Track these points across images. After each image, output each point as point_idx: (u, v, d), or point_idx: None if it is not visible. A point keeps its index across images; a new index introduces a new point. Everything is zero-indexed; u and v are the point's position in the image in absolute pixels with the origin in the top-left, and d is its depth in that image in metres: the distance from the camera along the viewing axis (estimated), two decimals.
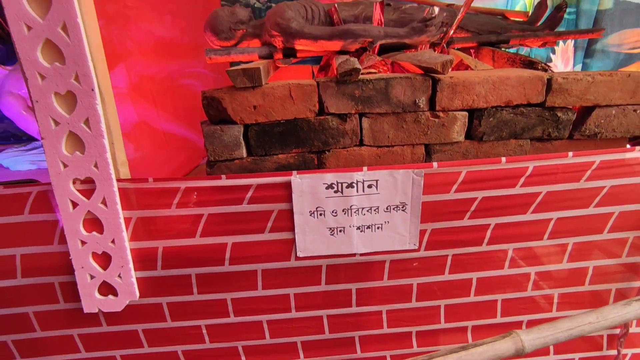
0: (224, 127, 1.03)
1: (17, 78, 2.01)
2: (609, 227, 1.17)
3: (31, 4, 0.87)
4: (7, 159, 2.01)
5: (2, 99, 1.97)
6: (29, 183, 1.06)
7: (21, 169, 1.96)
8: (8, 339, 1.16)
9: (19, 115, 1.98)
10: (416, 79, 1.03)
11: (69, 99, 0.94)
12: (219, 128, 1.03)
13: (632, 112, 1.09)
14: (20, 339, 1.16)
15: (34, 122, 1.99)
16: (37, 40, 0.89)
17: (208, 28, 1.44)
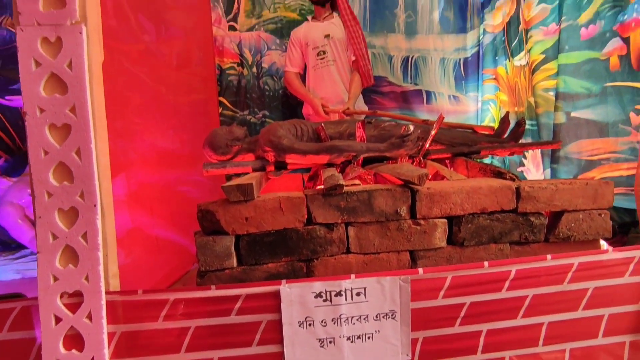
0: (217, 237, 1.08)
1: (20, 189, 2.10)
2: (603, 331, 1.16)
3: (52, 133, 0.99)
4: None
5: (1, 207, 2.04)
6: (15, 298, 1.06)
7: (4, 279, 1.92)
8: None
9: (14, 224, 2.02)
10: (396, 190, 1.12)
11: (71, 214, 1.00)
12: (212, 239, 1.08)
13: (597, 216, 1.17)
14: None
15: (28, 231, 2.03)
16: (51, 163, 0.99)
17: (207, 144, 1.58)
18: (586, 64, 1.87)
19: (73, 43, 0.98)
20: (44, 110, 0.98)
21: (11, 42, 2.70)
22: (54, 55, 0.98)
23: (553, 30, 2.03)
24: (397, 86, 2.93)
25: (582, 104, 1.89)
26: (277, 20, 2.80)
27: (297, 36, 2.55)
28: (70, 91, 0.98)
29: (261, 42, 2.81)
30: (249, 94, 2.83)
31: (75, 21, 0.98)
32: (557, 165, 2.03)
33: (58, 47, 0.98)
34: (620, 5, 1.70)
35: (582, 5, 1.87)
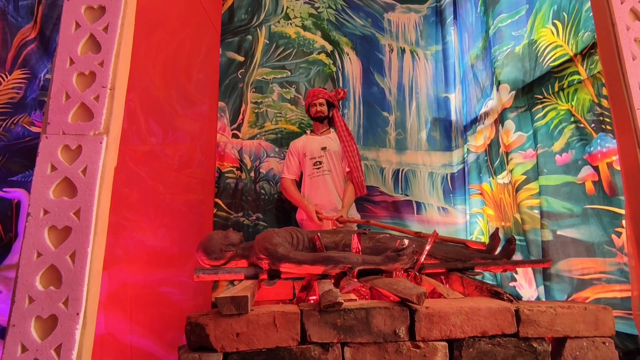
0: (203, 355, 1.00)
1: None
2: None
3: (50, 235, 0.98)
4: None
5: None
6: None
7: None
8: None
9: None
10: (395, 308, 1.09)
11: (49, 323, 0.94)
12: (197, 356, 1.00)
13: (601, 344, 1.13)
14: None
15: None
16: (41, 266, 0.96)
17: (201, 248, 1.56)
18: (565, 187, 2.00)
19: (92, 151, 1.03)
20: (47, 212, 0.99)
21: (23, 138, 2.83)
22: (71, 161, 1.03)
23: (531, 154, 2.22)
24: (388, 196, 3.05)
25: (566, 223, 1.97)
26: (278, 132, 3.03)
27: (295, 147, 2.72)
28: (79, 195, 1.01)
29: (261, 150, 2.99)
30: (245, 196, 2.90)
31: (98, 132, 1.05)
32: (550, 282, 2.02)
33: (77, 154, 1.03)
34: (585, 139, 1.91)
35: (554, 136, 2.09)
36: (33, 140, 2.87)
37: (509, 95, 2.40)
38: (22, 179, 2.80)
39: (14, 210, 2.72)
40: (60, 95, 1.06)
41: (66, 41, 1.09)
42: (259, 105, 3.07)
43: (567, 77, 2.02)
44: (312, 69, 3.17)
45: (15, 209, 2.72)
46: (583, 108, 1.93)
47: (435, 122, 3.21)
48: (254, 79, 3.10)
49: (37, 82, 2.95)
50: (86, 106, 1.06)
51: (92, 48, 1.10)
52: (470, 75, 2.95)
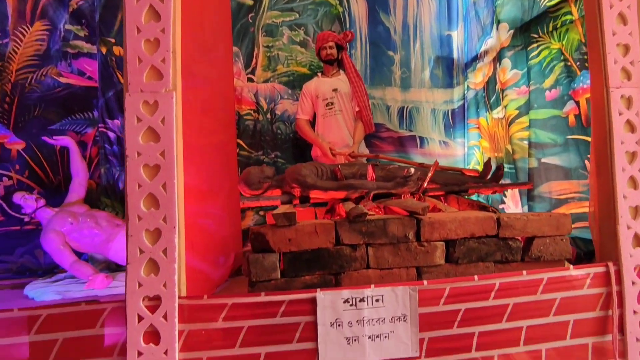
0: (265, 254, 1.37)
1: (61, 218, 2.36)
2: (570, 334, 1.44)
3: (145, 171, 1.29)
4: (32, 291, 2.20)
5: (46, 235, 2.28)
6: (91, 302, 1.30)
7: (46, 299, 2.12)
8: None
9: (57, 249, 2.25)
10: (405, 219, 1.44)
11: (154, 234, 1.28)
12: (261, 256, 1.36)
13: (560, 240, 1.50)
14: None
15: (68, 256, 2.26)
16: (142, 194, 1.28)
17: (242, 181, 1.89)
18: (551, 120, 2.27)
19: (166, 105, 1.31)
20: (140, 154, 1.29)
21: (54, 89, 3.04)
22: (152, 113, 1.30)
23: (524, 91, 2.45)
24: (394, 132, 3.33)
25: (550, 152, 2.28)
26: (290, 74, 3.22)
27: (308, 89, 2.95)
28: (161, 140, 1.30)
29: (275, 92, 3.21)
30: (263, 137, 3.18)
31: (168, 89, 1.31)
32: (533, 202, 2.38)
33: (155, 108, 1.31)
34: (571, 76, 2.13)
35: (545, 74, 2.31)
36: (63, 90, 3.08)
37: (508, 34, 2.57)
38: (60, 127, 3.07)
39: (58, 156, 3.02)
40: (134, 59, 1.31)
41: (132, 13, 1.31)
42: (271, 49, 3.22)
43: (561, 17, 2.20)
44: (320, 10, 3.26)
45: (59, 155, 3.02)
46: (572, 47, 2.14)
47: (438, 61, 3.38)
48: (264, 22, 3.21)
49: (57, 34, 3.09)
50: (156, 68, 1.31)
51: (154, 17, 1.32)
52: (472, 12, 3.07)
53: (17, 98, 2.96)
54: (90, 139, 3.10)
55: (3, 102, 2.93)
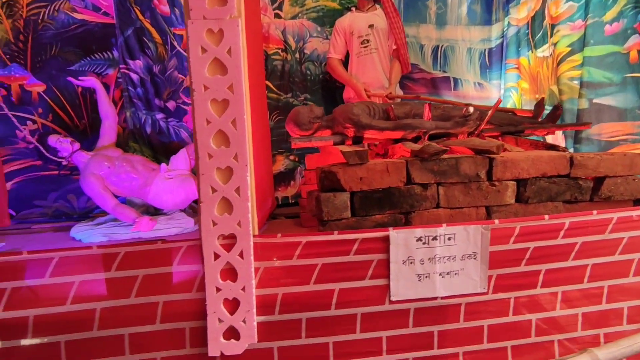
0: (336, 194, 1.33)
1: (98, 161, 2.31)
2: (633, 272, 1.46)
3: (213, 106, 1.22)
4: (79, 233, 2.21)
5: (85, 179, 2.25)
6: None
7: (93, 241, 2.13)
8: None
9: (98, 193, 2.23)
10: (477, 157, 1.39)
11: (226, 172, 1.24)
12: (332, 195, 1.33)
13: (632, 180, 1.46)
14: None
15: (110, 199, 2.24)
16: (212, 131, 1.22)
17: (291, 122, 1.82)
18: (609, 57, 2.14)
19: (232, 34, 1.20)
20: (207, 88, 1.21)
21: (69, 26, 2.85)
22: (217, 43, 1.20)
23: (579, 25, 2.29)
24: (427, 73, 3.17)
25: (604, 92, 2.18)
26: (319, 9, 3.00)
27: (342, 25, 2.76)
28: (229, 72, 1.21)
29: (304, 30, 3.01)
30: (292, 78, 3.03)
31: (233, 16, 1.20)
32: (580, 145, 2.32)
33: (220, 37, 1.20)
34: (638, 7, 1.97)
35: (607, 5, 2.14)
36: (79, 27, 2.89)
37: None
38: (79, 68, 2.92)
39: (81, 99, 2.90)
40: None
41: None
42: None
43: None
44: None
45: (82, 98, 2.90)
46: None
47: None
48: None
49: None
50: None
51: None
52: None
53: (30, 35, 2.78)
54: (112, 81, 2.96)
55: (17, 39, 2.76)
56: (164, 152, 2.90)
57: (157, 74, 2.88)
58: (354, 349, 1.35)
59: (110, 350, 1.23)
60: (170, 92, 2.94)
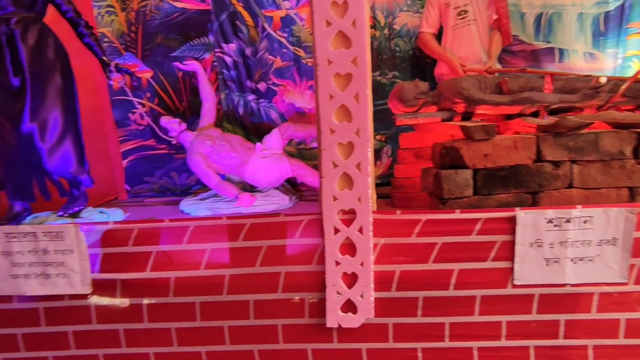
0: (458, 170, 1.28)
1: (201, 140, 2.46)
2: None
3: (336, 81, 1.21)
4: (187, 207, 2.39)
5: (192, 157, 2.41)
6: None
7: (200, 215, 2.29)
8: (255, 348, 1.36)
9: (203, 170, 2.38)
10: (622, 132, 1.24)
11: (347, 147, 1.24)
12: (454, 172, 1.28)
13: None
14: (265, 349, 1.36)
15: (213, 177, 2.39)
16: (334, 106, 1.22)
17: (395, 98, 1.77)
18: None
19: (357, 5, 1.18)
20: (331, 62, 1.21)
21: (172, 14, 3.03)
22: (341, 15, 1.19)
23: None
24: (527, 44, 2.89)
25: None
26: None
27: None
28: (353, 45, 1.19)
29: (393, 4, 2.90)
30: (380, 55, 2.95)
31: None
32: None
33: (344, 9, 1.18)
34: None
35: None
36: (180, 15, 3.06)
37: None
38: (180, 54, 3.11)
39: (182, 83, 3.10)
40: None
41: None
42: None
43: None
44: None
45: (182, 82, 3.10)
46: None
47: None
48: None
49: None
50: None
51: None
52: None
53: (141, 26, 3.01)
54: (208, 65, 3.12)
55: (130, 30, 3.01)
56: (255, 132, 3.01)
57: (249, 56, 2.97)
58: (471, 331, 1.30)
59: (236, 314, 1.33)
60: (261, 74, 3.03)
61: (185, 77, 3.03)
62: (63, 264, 1.30)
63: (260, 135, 2.72)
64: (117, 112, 2.97)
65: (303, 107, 2.93)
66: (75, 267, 1.31)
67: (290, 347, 1.34)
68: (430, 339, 1.32)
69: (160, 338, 1.35)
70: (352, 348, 1.34)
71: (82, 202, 2.03)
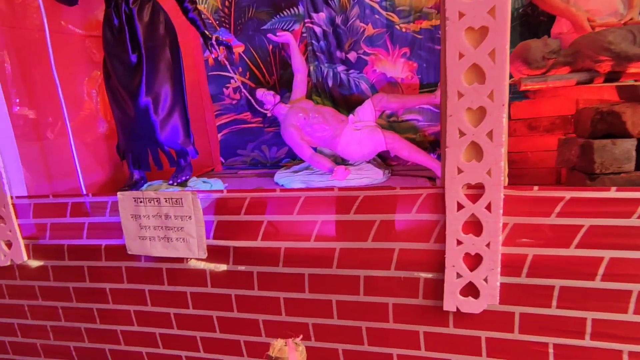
0: (616, 140, 1.06)
1: (295, 113, 2.43)
2: None
3: (467, 36, 1.06)
4: (281, 179, 2.40)
5: (286, 129, 2.41)
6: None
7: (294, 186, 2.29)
8: (363, 325, 1.31)
9: (297, 143, 2.37)
10: None
11: (478, 113, 1.09)
12: (611, 142, 1.06)
13: None
14: (373, 327, 1.30)
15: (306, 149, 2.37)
16: (464, 65, 1.07)
17: (519, 59, 1.54)
18: None
19: None
20: (463, 15, 1.05)
21: None
22: None
23: None
24: None
25: None
26: None
27: None
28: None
29: None
30: None
31: None
32: None
33: None
34: None
35: None
36: None
37: None
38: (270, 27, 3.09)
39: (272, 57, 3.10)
40: None
41: None
42: None
43: None
44: None
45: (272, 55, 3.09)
46: None
47: None
48: None
49: None
50: None
51: None
52: None
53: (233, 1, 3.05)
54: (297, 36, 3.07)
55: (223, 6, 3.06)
56: (344, 104, 2.93)
57: (339, 24, 2.86)
58: (620, 331, 1.11)
59: (346, 288, 1.28)
60: (352, 43, 2.91)
61: (275, 50, 3.02)
62: (182, 229, 1.36)
63: (349, 108, 2.63)
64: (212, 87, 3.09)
65: (395, 77, 2.75)
66: (192, 233, 1.36)
67: (400, 327, 1.27)
68: (566, 334, 1.15)
69: (269, 306, 1.36)
70: (469, 335, 1.22)
71: (188, 172, 2.15)
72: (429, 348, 1.27)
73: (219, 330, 1.44)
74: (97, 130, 2.29)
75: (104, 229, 1.48)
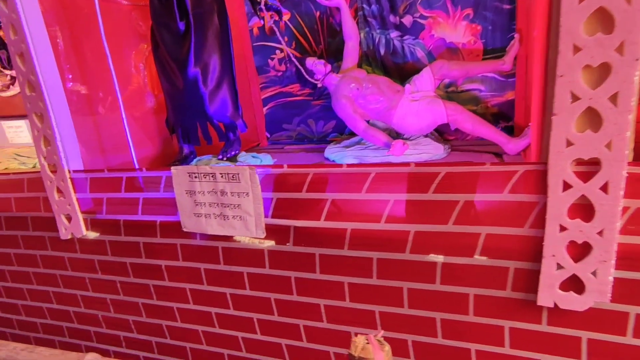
0: None
1: (346, 83, 2.26)
2: None
3: None
4: (332, 154, 2.27)
5: (338, 101, 2.24)
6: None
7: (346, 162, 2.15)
8: (438, 316, 1.18)
9: (350, 115, 2.21)
10: None
11: (599, 71, 0.88)
12: None
13: None
14: (450, 319, 1.17)
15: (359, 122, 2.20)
16: (586, 11, 0.86)
17: None
18: None
19: None
20: None
21: None
22: None
23: None
24: None
25: None
26: None
27: None
28: None
29: None
30: None
31: None
32: None
33: None
34: None
35: None
36: None
37: None
38: None
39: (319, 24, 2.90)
40: None
41: None
42: None
43: None
44: None
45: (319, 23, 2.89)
46: None
47: None
48: None
49: None
50: None
51: None
52: None
53: None
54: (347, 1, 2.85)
55: None
56: (397, 74, 2.71)
57: None
58: None
59: (419, 276, 1.15)
60: (407, 6, 2.65)
61: (323, 17, 2.82)
62: (239, 206, 1.27)
63: (403, 78, 2.42)
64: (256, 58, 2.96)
65: (455, 43, 2.49)
66: (250, 210, 1.27)
67: (482, 321, 1.13)
68: None
69: (331, 291, 1.26)
70: (567, 335, 1.06)
71: (237, 147, 2.06)
72: (515, 346, 1.12)
73: (277, 313, 1.36)
74: (146, 104, 2.24)
75: (159, 205, 1.42)
